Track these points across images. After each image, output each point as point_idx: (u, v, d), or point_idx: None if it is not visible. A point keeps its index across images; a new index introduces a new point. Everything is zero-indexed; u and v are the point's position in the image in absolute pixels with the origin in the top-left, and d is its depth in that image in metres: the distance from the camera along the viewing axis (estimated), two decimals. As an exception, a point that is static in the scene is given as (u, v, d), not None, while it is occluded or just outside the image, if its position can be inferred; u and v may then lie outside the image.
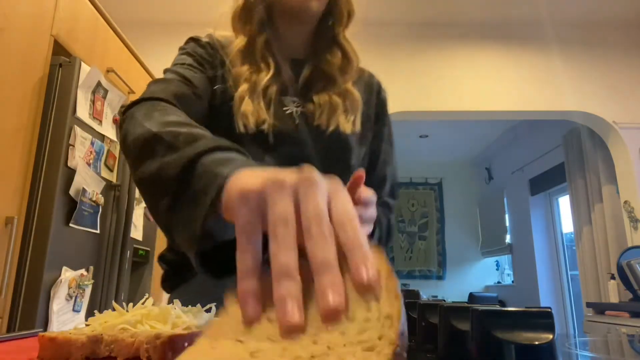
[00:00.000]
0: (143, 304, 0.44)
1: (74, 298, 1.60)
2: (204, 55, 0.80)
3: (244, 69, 0.76)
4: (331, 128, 0.76)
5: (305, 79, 0.80)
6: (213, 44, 0.82)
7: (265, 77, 0.76)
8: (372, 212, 0.63)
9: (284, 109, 0.78)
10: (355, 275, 0.23)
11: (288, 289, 0.24)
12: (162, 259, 0.81)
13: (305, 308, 0.24)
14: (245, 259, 0.27)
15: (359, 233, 0.25)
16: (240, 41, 0.79)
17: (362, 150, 0.83)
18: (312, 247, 0.25)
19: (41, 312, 1.46)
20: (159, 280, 0.83)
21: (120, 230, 1.91)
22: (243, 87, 0.75)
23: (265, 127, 0.73)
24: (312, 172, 0.28)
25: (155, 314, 0.41)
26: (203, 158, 0.40)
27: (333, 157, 0.77)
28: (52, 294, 1.50)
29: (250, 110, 0.72)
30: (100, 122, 1.81)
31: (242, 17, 0.80)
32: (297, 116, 0.77)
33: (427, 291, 6.04)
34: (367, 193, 0.61)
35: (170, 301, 0.47)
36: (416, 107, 3.51)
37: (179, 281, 0.78)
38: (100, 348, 0.35)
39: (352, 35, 0.84)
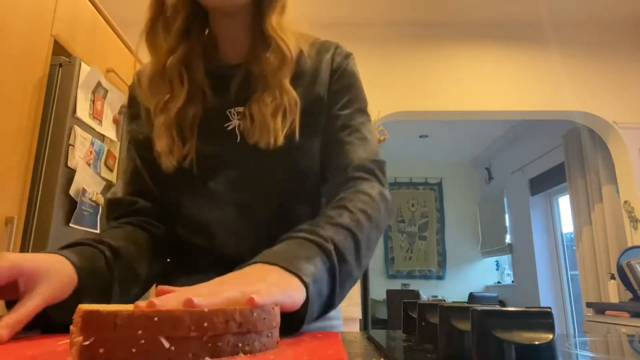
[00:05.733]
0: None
1: (74, 298, 1.60)
2: (135, 112, 0.77)
3: (156, 100, 0.69)
4: (263, 143, 0.66)
5: (238, 85, 0.71)
6: (132, 92, 0.78)
7: (180, 101, 0.68)
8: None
9: (226, 124, 0.70)
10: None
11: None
12: None
13: None
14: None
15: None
16: (149, 68, 0.72)
17: (314, 143, 0.72)
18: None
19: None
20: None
21: (120, 230, 1.90)
22: (158, 121, 0.68)
23: (186, 162, 0.67)
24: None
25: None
26: None
27: (272, 176, 0.70)
28: (52, 294, 1.50)
29: (165, 147, 0.67)
30: (100, 122, 1.81)
31: (155, 32, 0.71)
32: (239, 131, 0.69)
33: (427, 291, 6.05)
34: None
35: None
36: (416, 107, 3.51)
37: None
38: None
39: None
